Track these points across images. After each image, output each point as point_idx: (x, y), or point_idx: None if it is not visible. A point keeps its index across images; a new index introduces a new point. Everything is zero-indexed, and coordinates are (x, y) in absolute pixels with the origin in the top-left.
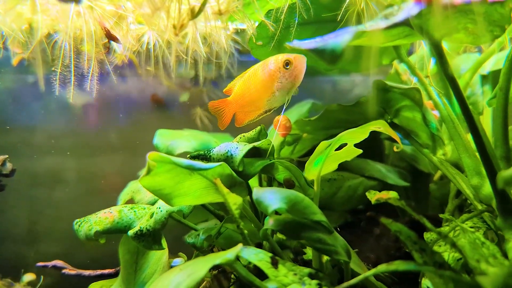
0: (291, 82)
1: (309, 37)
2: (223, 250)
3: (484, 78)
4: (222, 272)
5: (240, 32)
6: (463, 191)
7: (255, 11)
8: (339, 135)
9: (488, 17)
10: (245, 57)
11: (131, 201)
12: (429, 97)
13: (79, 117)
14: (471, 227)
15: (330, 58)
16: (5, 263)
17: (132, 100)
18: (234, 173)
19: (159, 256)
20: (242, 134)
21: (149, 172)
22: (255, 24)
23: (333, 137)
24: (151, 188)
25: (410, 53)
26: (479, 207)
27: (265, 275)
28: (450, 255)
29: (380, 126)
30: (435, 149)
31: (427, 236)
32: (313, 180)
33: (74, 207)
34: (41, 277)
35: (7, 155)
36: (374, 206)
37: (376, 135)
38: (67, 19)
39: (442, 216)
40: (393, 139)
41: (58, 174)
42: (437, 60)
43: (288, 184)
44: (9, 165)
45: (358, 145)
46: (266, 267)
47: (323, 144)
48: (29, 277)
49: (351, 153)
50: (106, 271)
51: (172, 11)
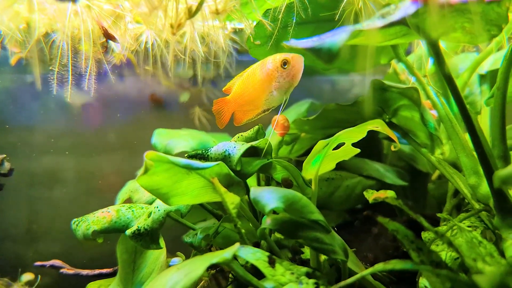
0: (289, 81)
1: (307, 37)
2: (221, 249)
3: (482, 78)
4: (220, 272)
5: (239, 32)
6: (460, 190)
7: (252, 10)
8: (337, 134)
9: (485, 16)
10: (243, 56)
11: (129, 200)
12: (427, 96)
13: (78, 116)
14: (468, 226)
15: (326, 57)
16: (3, 263)
17: (131, 99)
18: (231, 172)
19: (157, 256)
20: (240, 134)
21: (146, 171)
22: (253, 24)
23: (331, 136)
24: (148, 188)
25: (409, 52)
26: (477, 206)
27: (262, 274)
28: (448, 254)
29: (377, 126)
30: (433, 149)
31: (425, 235)
32: (311, 179)
33: (72, 206)
34: (38, 277)
35: (5, 155)
36: (372, 206)
37: (374, 134)
38: (64, 18)
39: (439, 215)
40: (391, 139)
41: (56, 174)
42: (434, 59)
43: (286, 184)
44: (7, 165)
45: (356, 145)
46: (263, 266)
47: (321, 143)
48: (27, 276)
49: (348, 152)
50: (104, 270)
51: (170, 10)
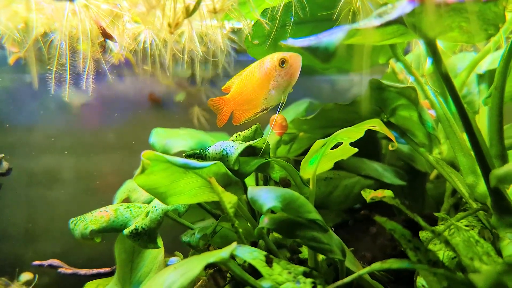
0: (287, 80)
1: (305, 36)
2: (219, 249)
3: (480, 77)
4: (218, 271)
5: (237, 31)
6: (458, 189)
7: (250, 9)
8: (335, 133)
9: (482, 15)
10: (242, 56)
11: (127, 200)
12: (425, 96)
13: (77, 116)
14: (466, 226)
15: (323, 56)
16: (2, 263)
17: (130, 99)
18: (229, 172)
19: (155, 255)
20: (238, 133)
21: (143, 170)
22: (251, 23)
23: (329, 136)
24: (146, 187)
25: (407, 52)
26: (474, 205)
27: (260, 273)
28: (445, 253)
29: (375, 125)
30: (431, 148)
31: (423, 234)
32: (309, 179)
33: (71, 206)
34: (35, 276)
35: (3, 154)
36: (371, 205)
37: (373, 134)
38: (62, 17)
39: (437, 214)
40: (389, 138)
41: (55, 173)
42: (431, 59)
43: (284, 183)
44: (5, 164)
45: (354, 144)
46: (260, 265)
47: (319, 142)
48: (26, 276)
49: (346, 151)
50: (102, 270)
51: (168, 9)
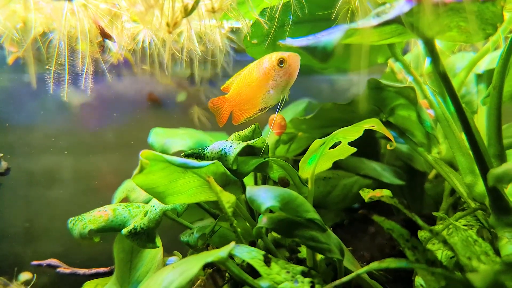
0: (285, 80)
1: (304, 36)
2: (218, 248)
3: (479, 77)
4: (217, 271)
5: (236, 31)
6: (457, 189)
7: (249, 9)
8: (333, 133)
9: (481, 15)
10: (241, 56)
11: (126, 199)
12: (424, 95)
13: (76, 116)
14: (464, 225)
15: (321, 56)
16: (1, 262)
17: (129, 99)
18: (228, 171)
19: (153, 255)
20: (237, 133)
21: (142, 170)
22: (250, 23)
23: (328, 135)
24: (144, 186)
25: (406, 51)
26: (473, 205)
27: (258, 273)
28: (443, 253)
29: (374, 125)
30: (430, 148)
31: (421, 234)
32: (308, 178)
33: (70, 206)
34: (34, 275)
35: (1, 154)
36: (370, 205)
37: (372, 134)
38: (60, 17)
39: (436, 214)
40: (388, 138)
41: (54, 173)
42: (430, 58)
43: (283, 183)
44: (3, 164)
45: (353, 144)
46: (258, 265)
47: (317, 142)
48: (25, 276)
49: (345, 151)
50: (101, 269)
51: (166, 9)
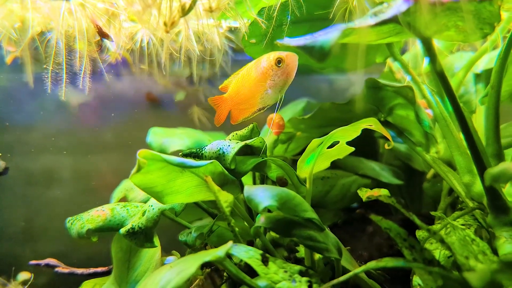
0: (283, 79)
1: (302, 35)
2: (216, 248)
3: (478, 77)
4: (215, 270)
5: (234, 30)
6: (455, 188)
7: (247, 8)
8: (331, 133)
9: (478, 14)
10: (240, 55)
11: (124, 199)
12: (422, 95)
13: (75, 116)
14: (462, 225)
15: (319, 55)
16: (0, 262)
17: (127, 98)
18: (226, 171)
19: (151, 254)
20: (235, 132)
21: (139, 169)
22: (248, 22)
23: (327, 135)
24: (142, 186)
25: (404, 51)
26: (471, 204)
27: (256, 272)
28: (441, 252)
29: (371, 124)
30: (428, 147)
31: (419, 233)
32: (306, 178)
33: (69, 205)
34: (31, 275)
35: (0, 153)
36: (368, 204)
37: (370, 133)
38: (58, 16)
39: (434, 213)
40: (387, 137)
41: (53, 173)
42: (428, 57)
43: (281, 182)
44: (2, 163)
45: (352, 143)
46: (256, 264)
47: (315, 142)
48: (24, 275)
49: (343, 151)
50: (99, 269)
51: (164, 8)
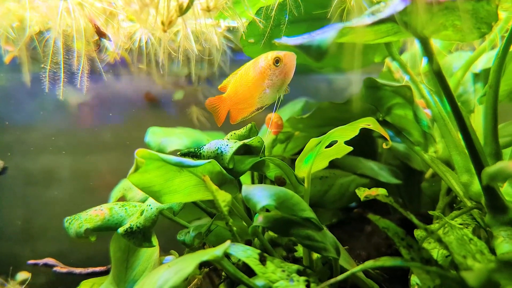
0: (281, 79)
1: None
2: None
3: (476, 76)
4: (213, 270)
5: (233, 30)
6: (453, 188)
7: (245, 8)
8: (329, 132)
9: (475, 14)
10: (239, 55)
11: (123, 198)
12: (421, 95)
13: (74, 115)
14: (460, 224)
15: (316, 54)
16: None
17: (126, 98)
18: (224, 170)
19: (150, 254)
20: (233, 132)
21: (137, 169)
22: (247, 22)
23: (325, 134)
24: (140, 185)
25: (403, 51)
26: (469, 204)
27: (255, 272)
28: (439, 252)
29: (369, 123)
30: (426, 147)
31: (418, 233)
32: (304, 177)
33: (68, 205)
34: (29, 275)
35: None
36: (367, 204)
37: (369, 133)
38: (56, 16)
39: (432, 213)
40: (384, 137)
41: (52, 172)
42: (426, 57)
43: (279, 182)
44: (0, 163)
45: (351, 143)
46: (254, 263)
47: (313, 141)
48: (23, 275)
49: (341, 150)
50: (98, 268)
51: (161, 7)
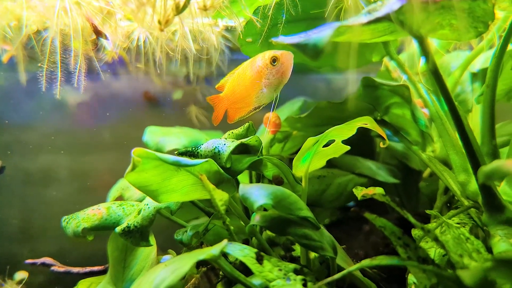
0: (278, 78)
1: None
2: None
3: (474, 76)
4: (211, 269)
5: (231, 29)
6: (450, 187)
7: (242, 7)
8: (327, 131)
9: (472, 13)
10: (237, 54)
11: (120, 198)
12: (418, 94)
13: (73, 115)
14: (457, 223)
15: (312, 53)
16: None
17: (125, 97)
18: (221, 169)
19: (147, 253)
20: (231, 131)
21: (134, 168)
22: (245, 21)
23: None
24: (137, 184)
25: (401, 50)
26: (466, 203)
27: (252, 271)
28: (436, 251)
29: (366, 123)
30: (424, 146)
31: (415, 232)
32: (302, 176)
33: (66, 204)
34: (27, 274)
35: None
36: (365, 203)
37: (367, 132)
38: (53, 15)
39: (429, 212)
40: (382, 136)
41: (50, 172)
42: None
43: (277, 181)
44: None
45: (349, 142)
46: (251, 262)
47: (311, 140)
48: (21, 275)
49: (338, 149)
50: (95, 268)
51: (158, 6)
